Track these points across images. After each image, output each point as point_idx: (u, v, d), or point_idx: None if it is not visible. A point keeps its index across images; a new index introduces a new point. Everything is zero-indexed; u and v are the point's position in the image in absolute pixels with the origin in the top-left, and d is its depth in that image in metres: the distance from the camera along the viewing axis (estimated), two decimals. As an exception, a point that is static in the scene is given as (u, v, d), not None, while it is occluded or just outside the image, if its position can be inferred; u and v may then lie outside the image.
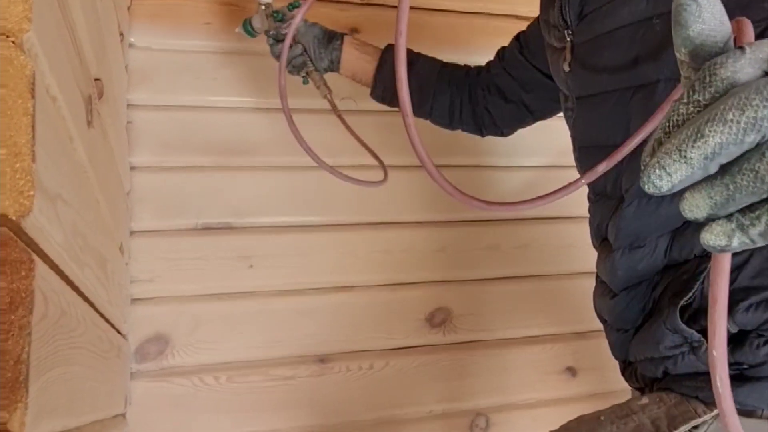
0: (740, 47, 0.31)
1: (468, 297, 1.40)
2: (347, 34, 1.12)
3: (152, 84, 1.26)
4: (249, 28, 1.10)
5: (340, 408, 1.30)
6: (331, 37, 1.10)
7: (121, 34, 1.14)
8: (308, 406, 1.28)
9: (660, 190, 0.32)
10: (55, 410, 0.48)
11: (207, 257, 1.26)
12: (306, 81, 1.13)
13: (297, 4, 1.06)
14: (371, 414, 1.31)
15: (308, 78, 1.12)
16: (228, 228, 1.28)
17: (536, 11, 1.03)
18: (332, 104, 1.13)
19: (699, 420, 0.69)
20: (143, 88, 1.25)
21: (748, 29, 0.33)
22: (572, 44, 0.83)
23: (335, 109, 1.14)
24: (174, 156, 1.26)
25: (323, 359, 1.30)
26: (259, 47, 1.31)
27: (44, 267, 0.45)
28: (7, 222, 0.39)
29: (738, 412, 0.68)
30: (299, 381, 1.28)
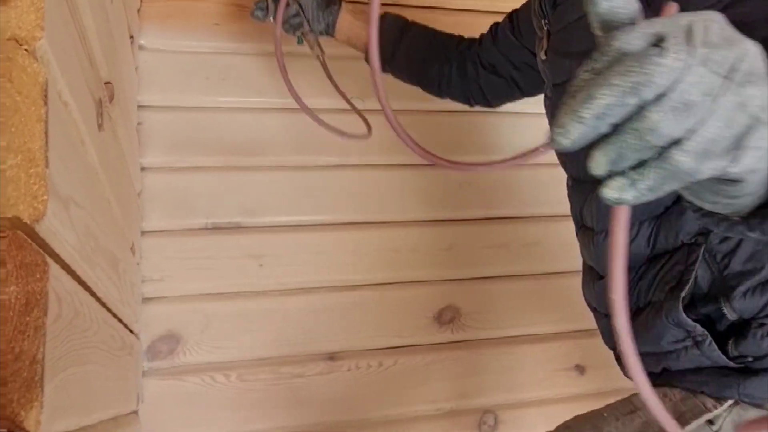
0: (631, 24, 0.35)
1: (476, 295, 1.41)
2: (345, 0, 1.15)
3: (162, 85, 1.27)
4: None
5: (349, 405, 1.31)
6: (330, 2, 1.14)
7: (131, 37, 1.15)
8: (317, 404, 1.29)
9: (563, 146, 0.35)
10: (70, 408, 0.49)
11: (217, 256, 1.27)
12: (300, 41, 1.16)
13: None
14: (380, 411, 1.32)
15: (303, 38, 1.15)
16: (238, 227, 1.29)
17: (516, 4, 1.06)
18: (324, 66, 1.17)
19: (711, 414, 0.69)
20: (153, 90, 1.27)
21: (671, 11, 0.37)
22: (548, 32, 0.85)
23: (326, 71, 1.17)
24: (184, 156, 1.28)
25: (332, 357, 1.31)
26: (270, 48, 1.32)
27: (58, 269, 0.46)
28: (22, 226, 0.40)
29: (751, 405, 0.69)
30: (308, 379, 1.29)
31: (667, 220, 0.72)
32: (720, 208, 0.41)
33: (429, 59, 1.14)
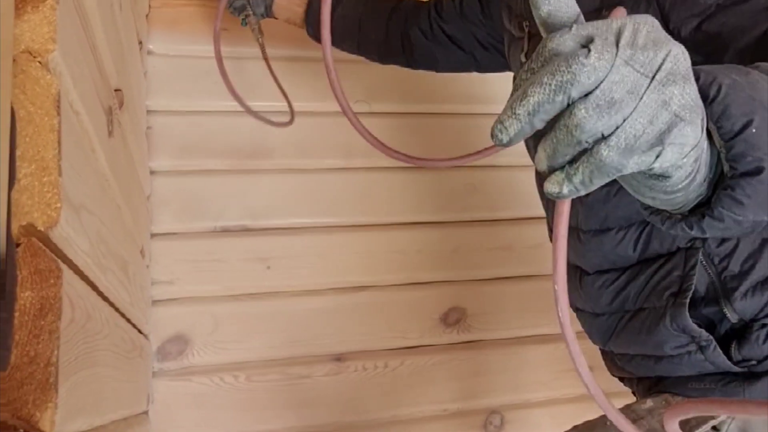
0: (567, 27, 0.36)
1: (482, 296, 1.42)
2: None
3: (171, 90, 1.29)
4: None
5: (356, 406, 1.32)
6: None
7: (140, 42, 1.17)
8: (325, 405, 1.30)
9: (502, 142, 0.37)
10: (83, 409, 0.50)
11: (225, 259, 1.28)
12: (244, 23, 1.21)
13: None
14: (387, 412, 1.33)
15: (246, 21, 1.20)
16: (246, 230, 1.31)
17: None
18: (262, 48, 1.22)
19: (716, 420, 0.69)
20: (162, 94, 1.28)
21: (617, 15, 0.38)
22: (530, 35, 0.84)
23: (264, 53, 1.22)
24: (192, 160, 1.29)
25: (339, 358, 1.32)
26: (276, 53, 1.33)
27: (71, 274, 0.47)
28: (36, 233, 0.42)
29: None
30: (316, 380, 1.30)
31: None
32: (660, 204, 0.42)
33: (365, 24, 1.14)
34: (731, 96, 0.38)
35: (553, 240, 0.41)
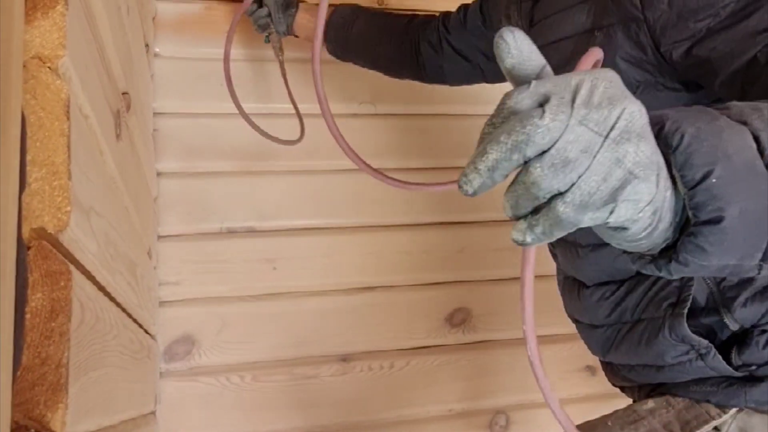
0: (528, 83, 0.37)
1: (487, 297, 1.42)
2: (303, 1, 1.23)
3: (177, 92, 1.30)
4: None
5: (362, 406, 1.32)
6: (289, 4, 1.21)
7: (147, 45, 1.18)
8: (331, 405, 1.30)
9: (467, 193, 0.38)
10: (92, 410, 0.51)
11: (232, 260, 1.29)
12: (267, 40, 1.28)
13: None
14: (392, 412, 1.34)
15: (269, 38, 1.27)
16: (252, 231, 1.32)
17: (453, 6, 1.06)
18: (281, 66, 1.28)
19: (717, 422, 0.69)
20: (169, 97, 1.29)
21: (584, 61, 0.40)
22: None
23: (282, 71, 1.28)
24: (199, 162, 1.30)
25: (345, 358, 1.33)
26: (286, 54, 1.34)
27: (80, 276, 0.48)
28: (47, 236, 0.42)
29: (755, 410, 0.69)
30: (322, 380, 1.31)
31: None
32: (627, 248, 0.43)
33: (381, 40, 1.16)
34: (694, 145, 0.39)
35: (521, 285, 0.43)
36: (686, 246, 0.40)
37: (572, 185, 0.36)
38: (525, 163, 0.36)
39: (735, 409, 0.69)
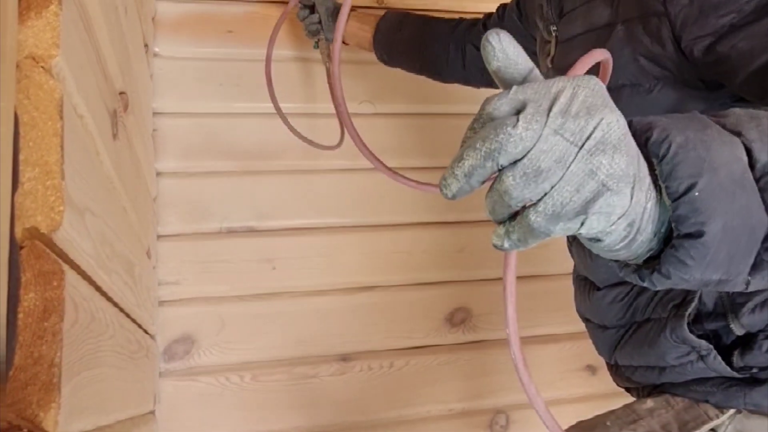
0: (510, 88, 0.37)
1: (487, 296, 1.42)
2: (354, 10, 1.23)
3: (177, 92, 1.30)
4: None
5: (362, 406, 1.32)
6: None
7: (146, 45, 1.18)
8: (330, 404, 1.30)
9: (447, 196, 0.39)
10: (87, 409, 0.51)
11: (231, 260, 1.29)
12: (316, 46, 1.29)
13: None
14: (392, 412, 1.34)
15: (318, 44, 1.29)
16: (251, 231, 1.32)
17: (482, 8, 1.06)
18: (328, 72, 1.28)
19: (714, 422, 0.69)
20: (168, 96, 1.29)
21: (582, 62, 0.40)
22: (557, 40, 0.83)
23: (329, 78, 1.28)
24: (198, 161, 1.30)
25: (345, 358, 1.33)
26: (281, 54, 1.34)
27: (74, 276, 0.48)
28: (40, 236, 0.42)
29: (753, 413, 0.69)
30: (322, 380, 1.31)
31: None
32: (608, 257, 0.43)
33: (427, 45, 1.16)
34: (680, 156, 0.38)
35: (503, 288, 0.43)
36: (668, 259, 0.40)
37: (545, 195, 0.36)
38: (500, 170, 0.36)
39: (733, 411, 0.69)
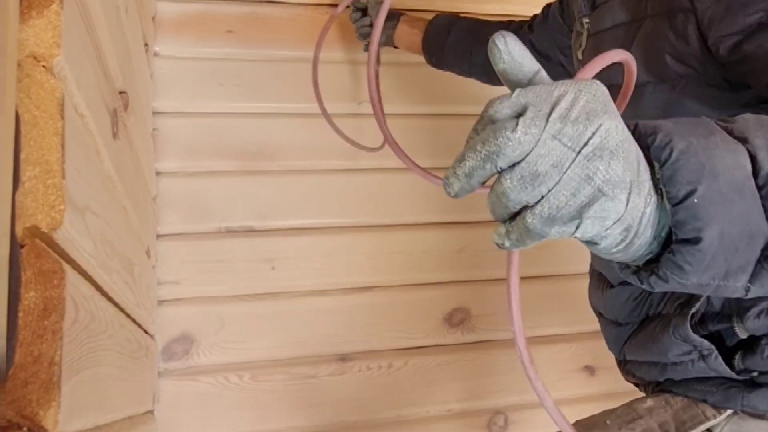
0: (511, 93, 0.37)
1: (486, 297, 1.42)
2: (404, 14, 1.29)
3: (177, 91, 1.30)
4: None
5: (361, 406, 1.32)
6: (391, 16, 1.26)
7: (146, 45, 1.18)
8: (329, 404, 1.30)
9: (450, 195, 0.40)
10: (86, 408, 0.51)
11: (231, 259, 1.29)
12: (366, 49, 1.35)
13: None
14: (391, 412, 1.34)
15: (368, 47, 1.32)
16: (251, 231, 1.32)
17: (527, 12, 1.06)
18: (376, 75, 1.30)
19: (710, 423, 0.69)
20: (168, 96, 1.29)
21: (586, 70, 0.40)
22: (588, 33, 0.83)
23: (376, 81, 1.30)
24: (198, 161, 1.30)
25: (344, 358, 1.33)
26: (281, 54, 1.34)
27: (75, 275, 0.48)
28: (40, 235, 0.42)
29: (749, 415, 0.69)
30: (320, 379, 1.31)
31: None
32: (606, 258, 0.43)
33: (475, 49, 1.17)
34: (681, 161, 0.38)
35: (507, 286, 0.44)
36: (666, 263, 0.40)
37: (541, 198, 0.36)
38: (500, 172, 0.37)
39: (730, 412, 0.69)
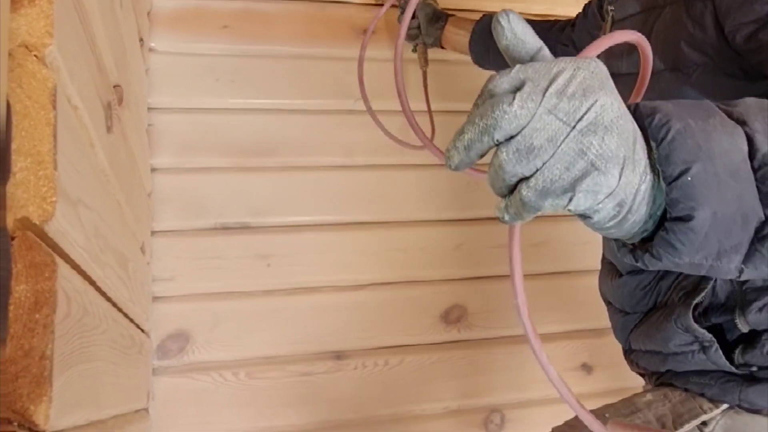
0: (511, 68, 0.38)
1: (483, 294, 1.42)
2: (452, 15, 1.30)
3: (172, 87, 1.29)
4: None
5: (356, 404, 1.32)
6: (438, 18, 1.28)
7: (141, 40, 1.17)
8: (325, 402, 1.30)
9: (451, 168, 0.41)
10: (79, 404, 0.50)
11: (226, 256, 1.28)
12: (415, 50, 1.37)
13: None
14: (387, 410, 1.33)
15: (416, 48, 1.37)
16: (246, 227, 1.31)
17: (573, 12, 1.05)
18: (424, 76, 1.36)
19: (706, 416, 0.70)
20: (163, 92, 1.28)
21: (590, 50, 0.40)
22: (613, 20, 0.84)
23: (425, 81, 1.36)
24: (194, 157, 1.29)
25: (340, 356, 1.32)
26: (277, 49, 1.33)
27: (67, 268, 0.47)
28: (32, 226, 0.42)
29: (746, 410, 0.69)
30: (316, 377, 1.30)
31: None
32: (603, 234, 0.43)
33: None
34: (677, 141, 0.39)
35: (509, 259, 0.44)
36: (659, 240, 0.41)
37: (536, 171, 0.37)
38: (497, 145, 0.38)
39: (726, 406, 0.69)
